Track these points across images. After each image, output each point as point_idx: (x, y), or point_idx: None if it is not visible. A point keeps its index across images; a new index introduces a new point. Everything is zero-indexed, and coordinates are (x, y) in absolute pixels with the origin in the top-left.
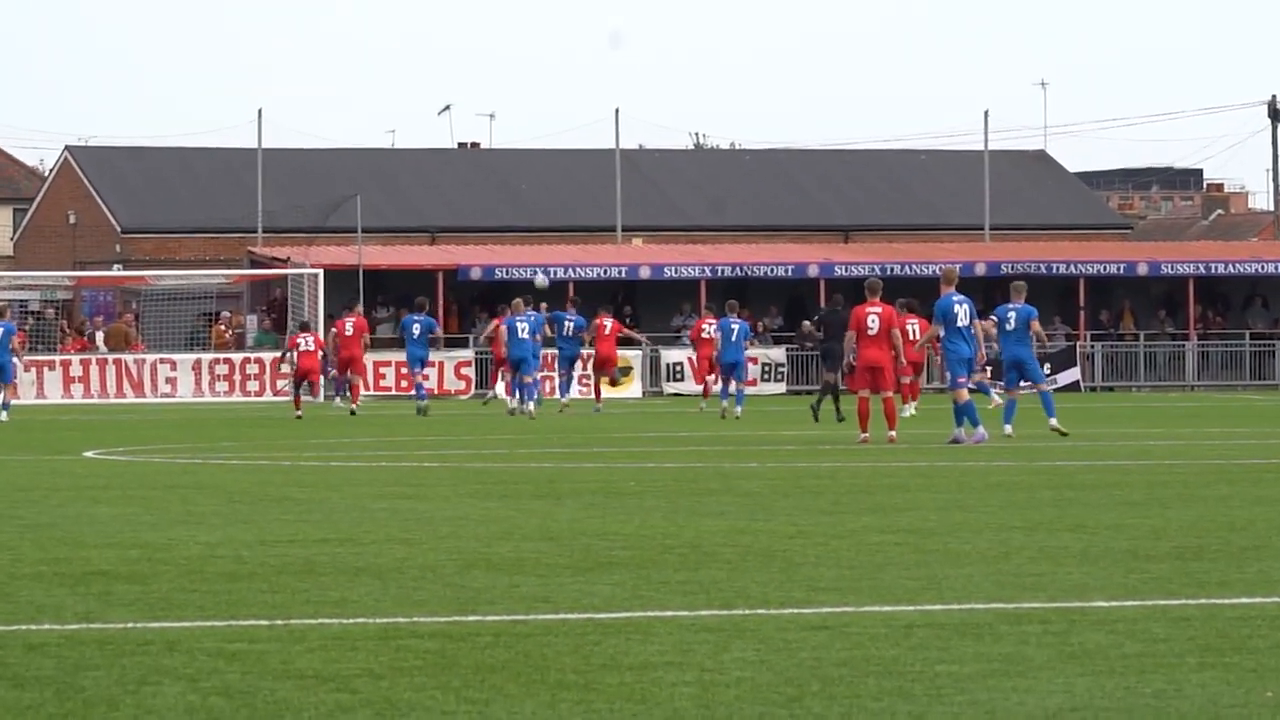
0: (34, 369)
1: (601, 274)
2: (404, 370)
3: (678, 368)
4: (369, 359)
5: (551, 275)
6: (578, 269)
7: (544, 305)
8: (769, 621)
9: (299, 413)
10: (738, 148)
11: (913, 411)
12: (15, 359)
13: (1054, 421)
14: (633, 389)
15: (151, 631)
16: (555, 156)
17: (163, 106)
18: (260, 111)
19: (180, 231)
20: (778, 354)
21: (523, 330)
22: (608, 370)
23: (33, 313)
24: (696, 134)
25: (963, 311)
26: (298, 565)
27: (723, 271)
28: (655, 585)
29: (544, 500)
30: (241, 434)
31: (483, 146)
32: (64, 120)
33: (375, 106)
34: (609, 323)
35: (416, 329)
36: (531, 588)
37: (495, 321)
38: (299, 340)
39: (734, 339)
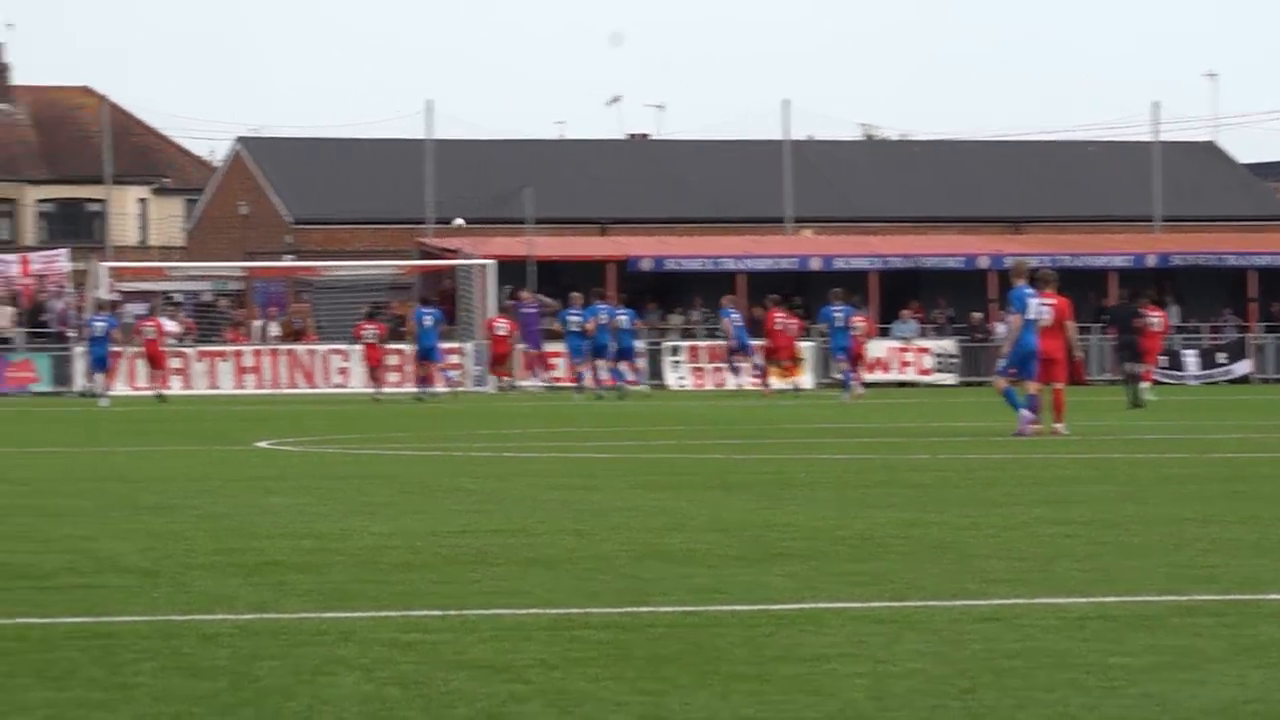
0: (206, 359)
1: (772, 266)
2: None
3: None
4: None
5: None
6: (747, 260)
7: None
8: (941, 613)
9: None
10: (907, 139)
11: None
12: None
13: None
14: (805, 379)
15: (326, 622)
16: (725, 148)
17: (333, 97)
18: (430, 103)
19: (351, 222)
20: (949, 345)
21: (427, 320)
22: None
23: (204, 303)
24: (866, 125)
25: (1033, 305)
26: (471, 556)
27: (893, 263)
28: (827, 576)
29: (715, 491)
30: (413, 425)
31: (652, 137)
32: (235, 111)
33: (545, 98)
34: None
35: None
36: (704, 579)
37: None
38: (143, 327)
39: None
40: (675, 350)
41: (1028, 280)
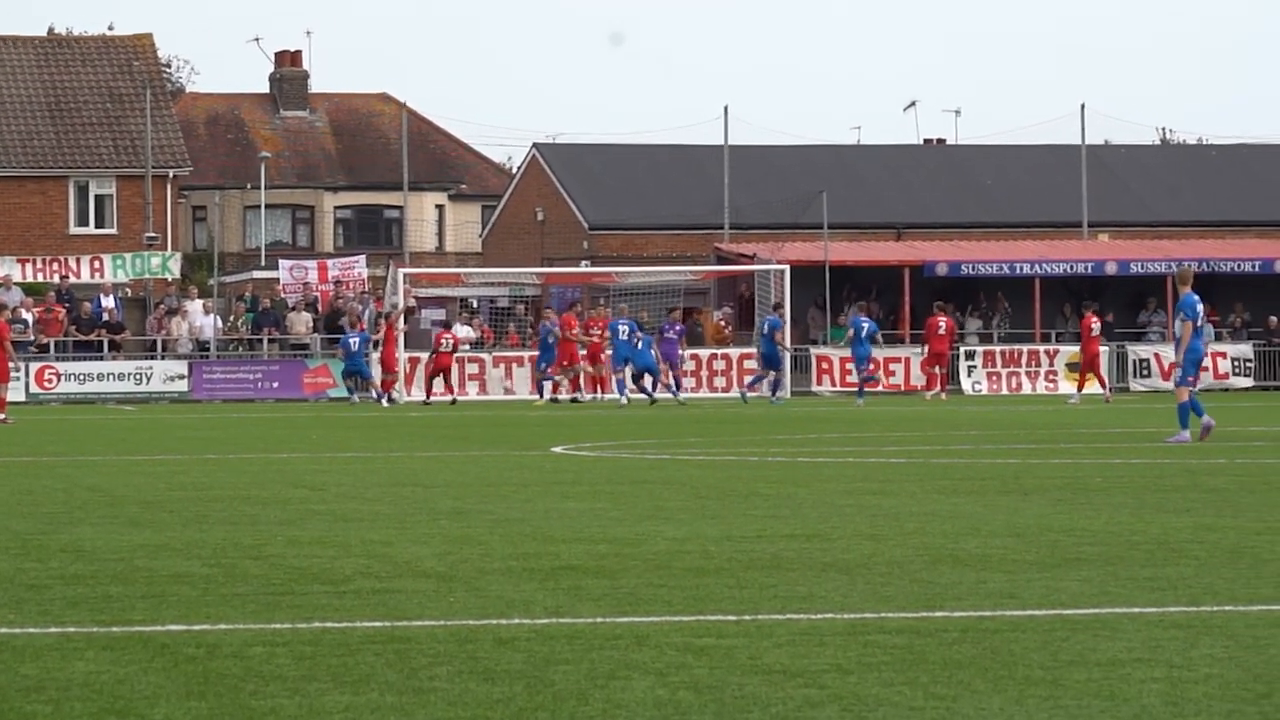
0: (502, 364)
1: (1068, 270)
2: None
3: (1144, 364)
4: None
5: (1017, 271)
6: (1043, 265)
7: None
8: (1237, 618)
9: (3, 416)
10: (1204, 143)
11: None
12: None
13: None
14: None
15: (620, 626)
16: (1020, 152)
17: (629, 104)
18: (726, 108)
19: (647, 228)
20: (1245, 349)
21: (354, 344)
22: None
23: (501, 309)
24: (1163, 129)
25: (1204, 311)
26: (765, 560)
27: (1189, 267)
28: (1122, 581)
29: (1010, 496)
30: (708, 430)
31: (948, 142)
32: (532, 118)
33: (841, 103)
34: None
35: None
36: (998, 583)
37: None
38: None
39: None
40: (970, 355)
41: (1193, 287)
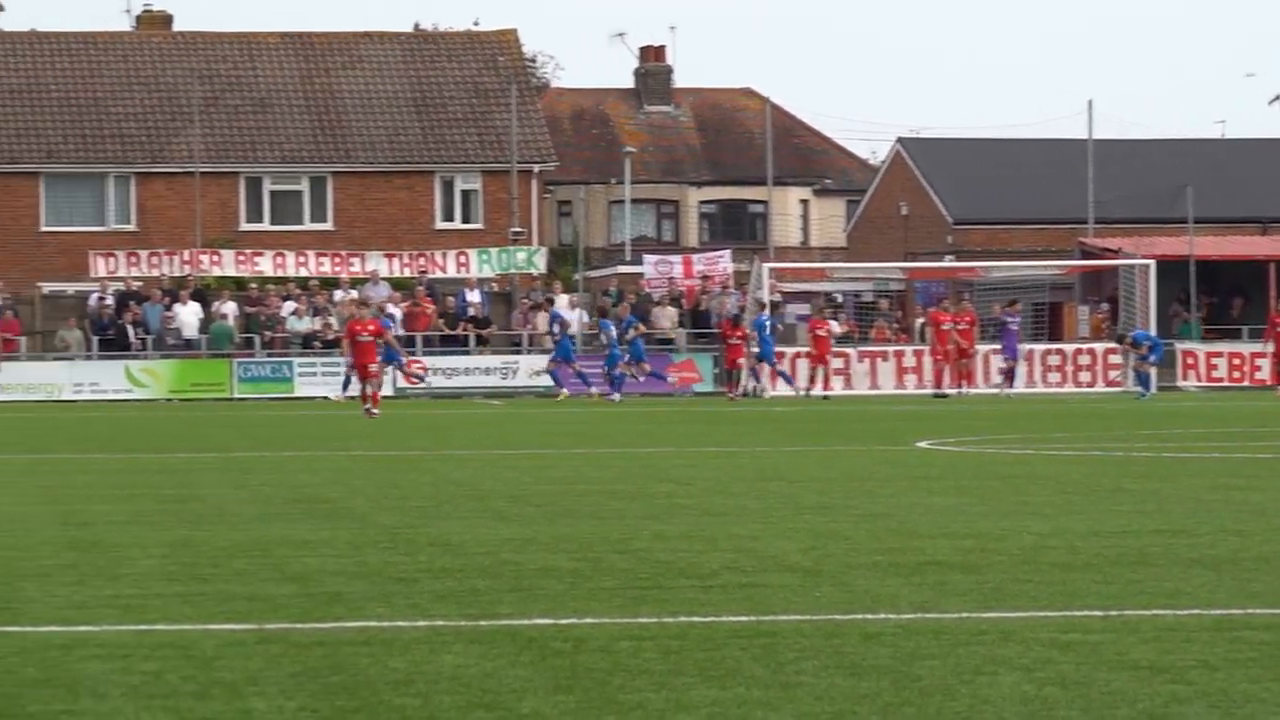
0: (867, 359)
1: None
2: (1235, 361)
3: None
4: None
5: None
6: None
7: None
8: None
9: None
10: None
11: None
12: None
13: None
14: None
15: (986, 621)
16: None
17: (993, 98)
18: (1090, 103)
19: (1011, 222)
20: None
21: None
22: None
23: (866, 304)
24: None
25: None
26: (1131, 556)
27: None
28: None
29: None
30: (1073, 425)
31: None
32: (896, 112)
33: (1205, 97)
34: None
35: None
36: None
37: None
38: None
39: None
40: None
41: None
